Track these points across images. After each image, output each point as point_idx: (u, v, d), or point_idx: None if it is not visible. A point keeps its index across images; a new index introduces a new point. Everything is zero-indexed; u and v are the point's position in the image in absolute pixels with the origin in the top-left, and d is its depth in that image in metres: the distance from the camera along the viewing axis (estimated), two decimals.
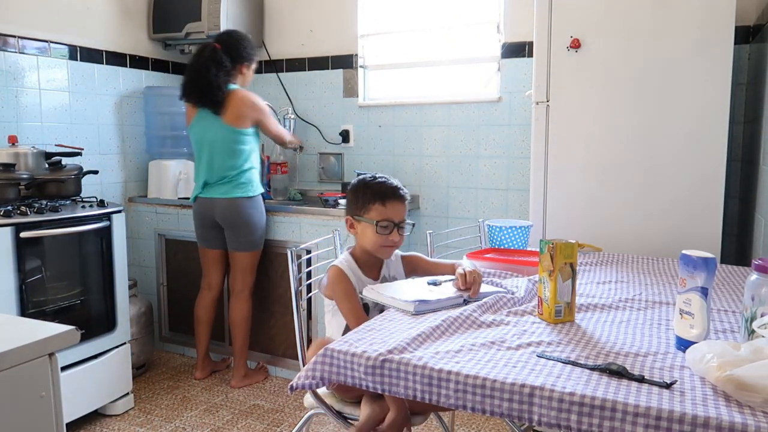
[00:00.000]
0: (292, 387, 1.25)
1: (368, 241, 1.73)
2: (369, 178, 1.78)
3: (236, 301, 2.96)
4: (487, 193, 3.05)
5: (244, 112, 2.80)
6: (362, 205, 1.74)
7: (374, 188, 1.74)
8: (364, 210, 1.73)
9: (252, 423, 2.64)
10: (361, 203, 1.74)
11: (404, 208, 1.76)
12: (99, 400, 2.62)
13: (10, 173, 2.53)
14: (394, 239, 1.72)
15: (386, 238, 1.71)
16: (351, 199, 1.79)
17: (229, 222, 2.85)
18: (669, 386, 1.01)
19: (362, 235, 1.75)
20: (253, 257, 2.94)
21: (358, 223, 1.75)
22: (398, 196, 1.74)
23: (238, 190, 2.82)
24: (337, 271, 1.71)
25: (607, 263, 2.03)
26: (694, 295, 1.19)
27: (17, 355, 0.99)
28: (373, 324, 1.36)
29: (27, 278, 2.34)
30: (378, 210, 1.72)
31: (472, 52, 3.11)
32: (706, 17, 2.13)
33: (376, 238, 1.71)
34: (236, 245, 2.90)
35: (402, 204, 1.75)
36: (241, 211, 2.83)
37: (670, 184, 2.23)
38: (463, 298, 1.52)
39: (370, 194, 1.73)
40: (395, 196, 1.74)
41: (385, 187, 1.74)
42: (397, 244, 1.75)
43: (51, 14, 2.97)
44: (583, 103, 2.33)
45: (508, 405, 1.04)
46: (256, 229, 2.89)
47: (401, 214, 1.74)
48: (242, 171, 2.83)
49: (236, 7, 3.32)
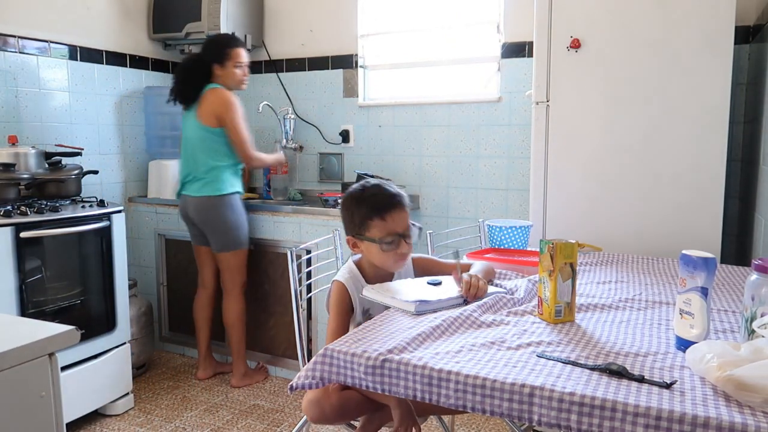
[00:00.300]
0: (292, 387, 1.24)
1: (376, 260, 1.61)
2: (359, 189, 1.63)
3: (228, 300, 2.97)
4: (487, 193, 3.05)
5: (212, 109, 2.79)
6: (360, 223, 1.60)
7: (369, 202, 1.59)
8: (364, 228, 1.59)
9: (252, 423, 2.64)
10: (358, 221, 1.60)
11: (406, 215, 1.62)
12: (99, 400, 2.62)
13: (10, 173, 2.53)
14: (403, 251, 1.60)
15: (394, 253, 1.59)
16: (346, 217, 1.64)
17: (201, 220, 2.86)
18: (669, 386, 1.01)
19: (368, 253, 1.62)
20: (235, 257, 2.91)
21: (361, 242, 1.62)
22: (397, 204, 1.59)
23: (207, 188, 2.81)
24: (336, 286, 1.62)
25: (607, 263, 2.03)
26: (694, 295, 1.19)
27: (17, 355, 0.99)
28: (373, 324, 1.36)
29: (27, 278, 2.34)
30: (378, 226, 1.57)
31: (472, 52, 3.11)
32: (706, 17, 2.13)
33: (383, 256, 1.59)
34: (215, 245, 2.90)
35: (403, 211, 1.61)
36: (210, 209, 2.83)
37: (670, 184, 2.23)
38: (464, 298, 1.51)
39: (366, 210, 1.58)
40: (393, 206, 1.59)
41: (380, 197, 1.59)
42: (407, 255, 1.63)
43: (51, 14, 2.97)
44: (583, 103, 2.33)
45: (508, 405, 1.03)
46: (229, 229, 2.86)
47: (404, 223, 1.60)
48: (210, 169, 2.81)
49: (236, 7, 3.32)
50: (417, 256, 1.78)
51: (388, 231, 1.57)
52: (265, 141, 3.60)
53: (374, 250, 1.59)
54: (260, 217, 3.10)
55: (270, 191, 3.39)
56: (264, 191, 3.45)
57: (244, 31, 3.39)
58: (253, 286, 3.16)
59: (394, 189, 1.63)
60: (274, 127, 3.55)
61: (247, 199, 3.39)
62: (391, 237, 1.58)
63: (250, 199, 3.40)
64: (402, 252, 1.60)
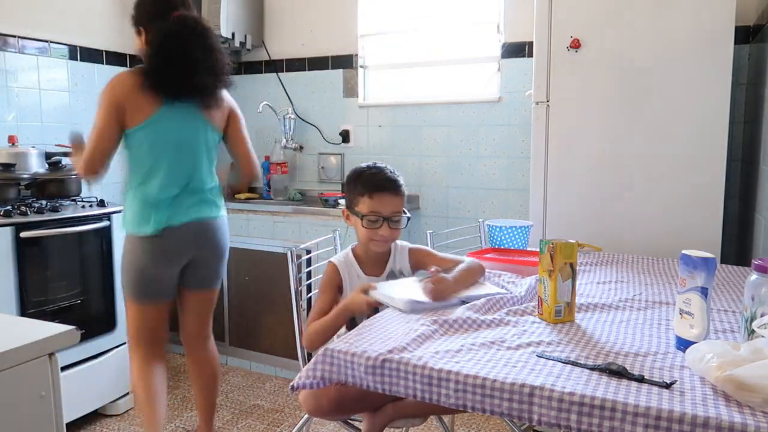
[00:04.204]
0: (293, 387, 1.25)
1: (360, 236, 1.70)
2: (363, 167, 1.72)
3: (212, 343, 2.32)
4: (487, 193, 3.05)
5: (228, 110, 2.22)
6: (353, 197, 1.69)
7: (364, 179, 1.68)
8: (354, 202, 1.69)
9: (252, 423, 2.64)
10: (352, 195, 1.70)
11: (397, 201, 1.68)
12: (99, 400, 2.63)
13: (10, 173, 2.53)
14: (383, 233, 1.65)
15: (374, 232, 1.65)
16: (346, 189, 1.76)
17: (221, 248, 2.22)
18: (669, 386, 1.01)
19: (356, 228, 1.70)
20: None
21: (351, 215, 1.71)
22: (388, 188, 1.66)
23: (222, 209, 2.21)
24: (329, 266, 1.71)
25: (607, 263, 2.03)
26: (694, 295, 1.19)
27: (17, 355, 0.99)
28: (373, 324, 1.36)
29: (27, 278, 2.34)
30: (365, 203, 1.65)
31: (472, 52, 3.11)
32: (706, 17, 2.13)
33: (365, 233, 1.67)
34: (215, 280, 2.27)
35: (394, 196, 1.67)
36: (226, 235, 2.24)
37: (670, 184, 2.23)
38: (460, 298, 1.51)
39: (360, 186, 1.67)
40: (384, 189, 1.66)
41: (376, 178, 1.67)
42: (387, 239, 1.68)
43: (51, 14, 2.97)
44: (583, 103, 2.33)
45: (507, 405, 1.04)
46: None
47: (392, 207, 1.66)
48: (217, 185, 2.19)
49: (236, 7, 3.32)
50: (414, 247, 1.81)
51: (373, 209, 1.65)
52: (265, 141, 3.60)
53: (359, 225, 1.68)
54: (260, 217, 3.10)
55: (270, 191, 3.39)
56: (264, 191, 3.46)
57: (244, 31, 3.40)
58: (253, 286, 3.17)
59: (393, 175, 1.70)
60: (274, 127, 3.55)
61: (247, 199, 3.39)
62: (374, 216, 1.65)
63: (250, 199, 3.40)
64: (382, 234, 1.66)
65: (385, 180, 1.67)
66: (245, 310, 3.22)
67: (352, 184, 1.71)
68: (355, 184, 1.69)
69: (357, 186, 1.68)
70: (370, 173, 1.69)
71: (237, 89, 3.85)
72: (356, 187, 1.68)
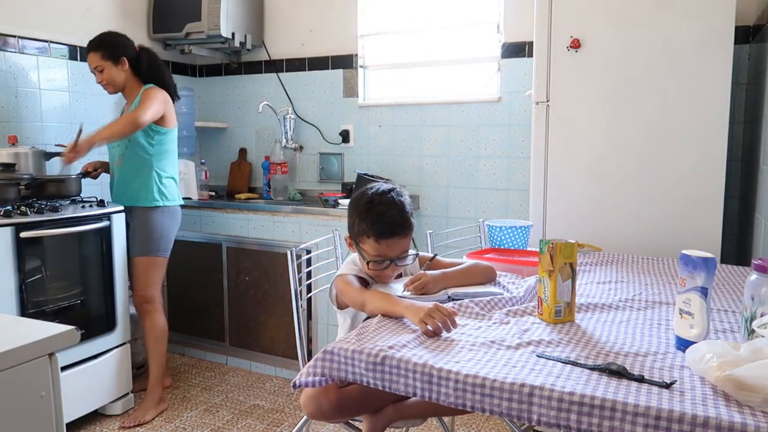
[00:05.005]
0: (294, 384, 1.26)
1: (363, 267, 1.62)
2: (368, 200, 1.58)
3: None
4: (487, 193, 3.05)
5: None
6: (357, 232, 1.58)
7: (371, 219, 1.55)
8: (359, 239, 1.58)
9: (252, 423, 2.64)
10: (357, 229, 1.58)
11: (404, 242, 1.58)
12: (99, 400, 2.62)
13: (10, 173, 2.53)
14: (388, 273, 1.59)
15: (379, 273, 1.59)
16: (349, 219, 1.62)
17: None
18: (669, 386, 1.01)
19: (359, 258, 1.63)
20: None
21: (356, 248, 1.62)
22: (396, 233, 1.55)
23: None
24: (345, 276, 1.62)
25: (607, 263, 2.03)
26: (693, 295, 1.19)
27: (17, 355, 0.99)
28: (374, 323, 1.36)
29: (27, 278, 2.34)
30: (372, 246, 1.56)
31: (472, 52, 3.11)
32: (706, 17, 2.13)
33: (368, 269, 1.60)
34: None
35: (402, 239, 1.57)
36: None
37: (669, 184, 2.23)
38: (447, 295, 1.53)
39: (366, 226, 1.55)
40: (392, 234, 1.54)
41: (385, 219, 1.54)
42: (392, 276, 1.62)
43: (51, 14, 2.97)
44: (583, 103, 2.33)
45: (507, 404, 1.04)
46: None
47: (400, 249, 1.58)
48: None
49: (236, 7, 3.32)
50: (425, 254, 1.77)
51: (380, 254, 1.57)
52: (265, 141, 3.61)
53: (363, 261, 1.60)
54: (260, 217, 3.10)
55: (270, 191, 3.39)
56: (264, 191, 3.46)
57: (244, 31, 3.40)
58: (253, 286, 3.17)
59: (401, 213, 1.57)
60: (274, 127, 3.55)
61: (247, 199, 3.39)
62: (381, 259, 1.57)
63: (250, 199, 3.40)
64: (387, 274, 1.60)
65: (393, 224, 1.55)
66: (245, 310, 3.22)
67: (358, 219, 1.57)
68: (362, 218, 1.56)
69: (364, 223, 1.56)
70: (378, 212, 1.55)
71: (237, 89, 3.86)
72: (362, 223, 1.56)
